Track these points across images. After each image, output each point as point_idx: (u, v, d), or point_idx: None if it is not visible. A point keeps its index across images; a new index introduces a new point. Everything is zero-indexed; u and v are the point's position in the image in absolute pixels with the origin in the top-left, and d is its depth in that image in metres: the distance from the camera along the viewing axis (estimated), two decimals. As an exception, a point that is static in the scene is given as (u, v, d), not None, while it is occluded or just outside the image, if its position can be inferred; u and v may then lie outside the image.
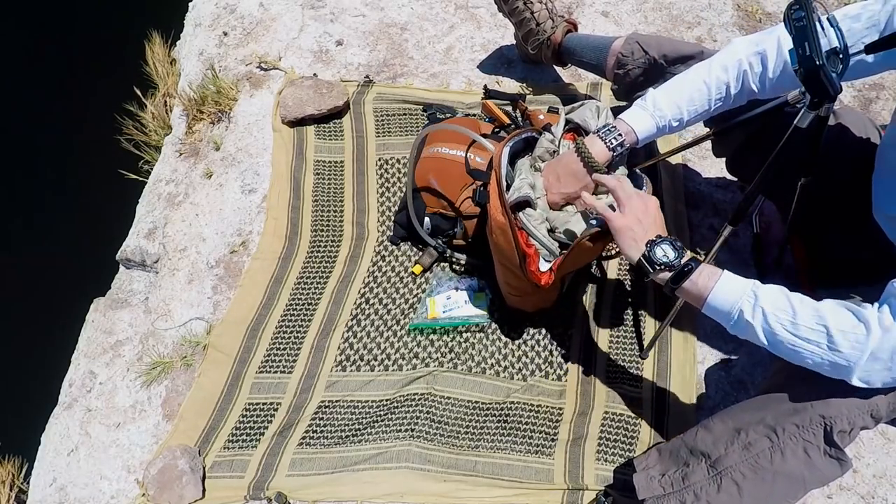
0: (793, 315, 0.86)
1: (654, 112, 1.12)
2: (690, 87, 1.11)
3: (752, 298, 0.89)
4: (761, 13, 1.91)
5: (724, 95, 1.10)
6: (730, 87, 1.09)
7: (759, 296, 0.89)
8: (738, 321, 0.90)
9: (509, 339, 1.38)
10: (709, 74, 1.10)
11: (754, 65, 1.06)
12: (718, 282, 0.92)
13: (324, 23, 1.92)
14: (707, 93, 1.10)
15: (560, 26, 1.60)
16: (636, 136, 1.12)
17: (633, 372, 1.33)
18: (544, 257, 1.15)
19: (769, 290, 0.89)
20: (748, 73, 1.07)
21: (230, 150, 1.69)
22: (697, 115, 1.13)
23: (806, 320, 0.86)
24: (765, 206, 1.49)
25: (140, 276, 1.62)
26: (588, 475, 1.20)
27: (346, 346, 1.37)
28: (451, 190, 1.38)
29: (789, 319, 0.86)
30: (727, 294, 0.91)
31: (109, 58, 2.96)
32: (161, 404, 1.36)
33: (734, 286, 0.91)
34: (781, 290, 0.90)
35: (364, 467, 1.22)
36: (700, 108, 1.11)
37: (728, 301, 0.91)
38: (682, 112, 1.11)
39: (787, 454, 0.91)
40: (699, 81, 1.11)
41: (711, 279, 0.92)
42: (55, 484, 1.30)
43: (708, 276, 0.93)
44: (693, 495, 0.96)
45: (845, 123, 1.18)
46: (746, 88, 1.09)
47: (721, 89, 1.09)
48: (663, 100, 1.11)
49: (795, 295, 0.89)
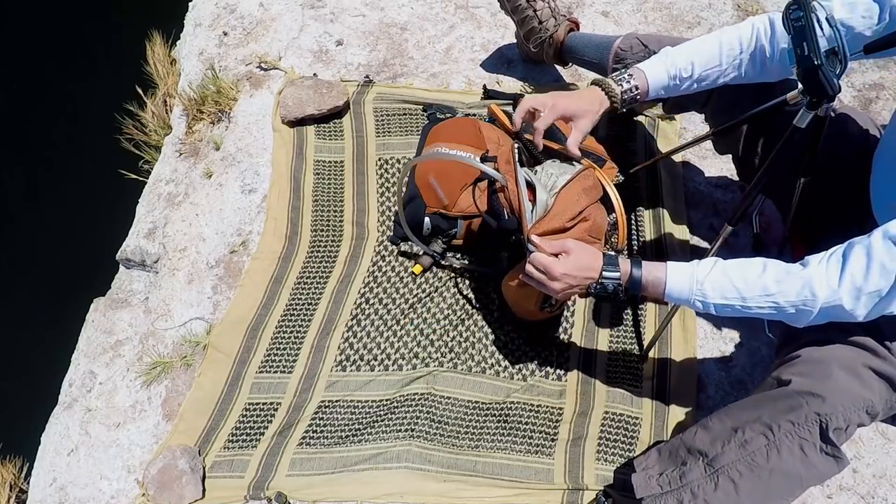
0: (742, 300, 0.94)
1: (666, 60, 1.15)
2: (702, 43, 1.15)
3: (700, 297, 0.97)
4: (761, 13, 1.91)
5: (736, 56, 1.12)
6: (742, 45, 1.11)
7: (706, 292, 0.96)
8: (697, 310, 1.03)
9: (509, 340, 1.38)
10: (721, 33, 1.14)
11: (767, 28, 1.08)
12: (667, 283, 0.99)
13: (324, 23, 1.92)
14: (719, 48, 1.12)
15: (562, 25, 1.60)
16: (647, 81, 1.15)
17: (633, 372, 1.33)
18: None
19: (713, 281, 0.96)
20: (760, 35, 1.09)
21: (230, 150, 1.69)
22: (709, 72, 1.14)
23: (755, 300, 0.94)
24: (765, 206, 1.49)
25: (140, 276, 1.62)
26: (588, 475, 1.20)
27: (346, 345, 1.38)
28: (451, 190, 1.38)
29: (739, 304, 0.95)
30: (679, 292, 0.99)
31: (109, 58, 2.97)
32: (161, 404, 1.36)
33: (681, 285, 0.99)
34: (724, 271, 0.96)
35: (364, 467, 1.22)
36: (711, 64, 1.13)
37: (682, 297, 0.99)
38: (693, 65, 1.13)
39: (783, 452, 0.91)
40: (711, 38, 1.14)
41: (659, 281, 1.00)
42: (55, 484, 1.30)
43: (655, 280, 1.00)
44: (690, 493, 0.97)
45: (845, 123, 1.18)
46: (759, 51, 1.10)
47: (733, 46, 1.11)
48: (676, 52, 1.15)
49: (737, 271, 0.96)
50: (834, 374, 0.92)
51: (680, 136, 1.64)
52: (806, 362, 0.97)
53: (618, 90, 1.15)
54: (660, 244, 1.46)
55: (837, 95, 0.90)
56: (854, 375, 0.92)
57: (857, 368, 0.93)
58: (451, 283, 1.44)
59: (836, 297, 0.88)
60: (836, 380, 0.91)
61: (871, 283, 0.86)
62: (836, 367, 0.93)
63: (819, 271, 0.89)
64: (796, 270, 0.92)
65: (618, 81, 1.16)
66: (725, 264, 0.97)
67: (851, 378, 0.92)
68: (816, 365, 0.95)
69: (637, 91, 1.16)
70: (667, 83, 1.15)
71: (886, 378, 0.93)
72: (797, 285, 0.90)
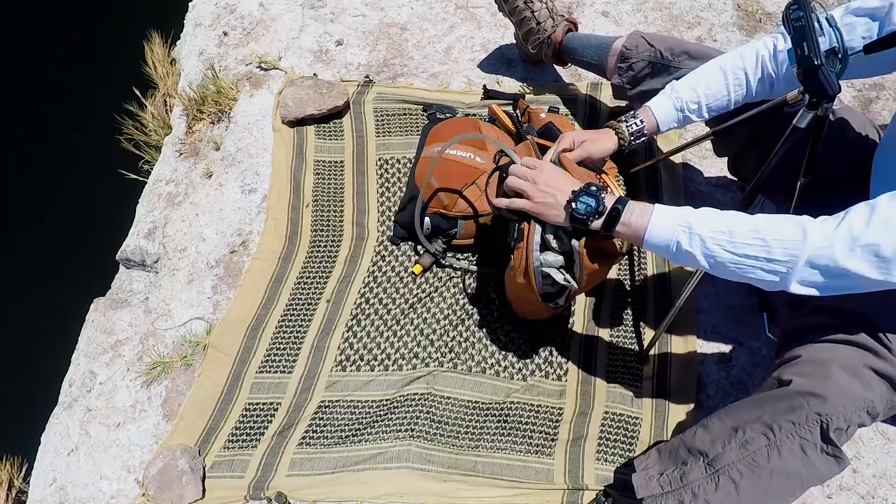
0: (729, 235, 0.88)
1: (672, 94, 1.16)
2: (708, 72, 1.15)
3: (686, 228, 0.90)
4: (761, 13, 1.91)
5: (743, 84, 1.12)
6: (748, 74, 1.11)
7: (693, 224, 0.90)
8: (677, 252, 0.92)
9: (509, 340, 1.38)
10: (724, 60, 1.14)
11: (770, 51, 1.09)
12: (651, 218, 0.93)
13: (324, 23, 1.92)
14: (724, 77, 1.13)
15: (560, 25, 1.60)
16: (655, 119, 1.16)
17: (633, 372, 1.33)
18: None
19: (703, 214, 0.91)
20: (766, 61, 1.10)
21: (230, 150, 1.69)
22: (717, 101, 1.15)
23: (743, 236, 0.87)
24: (765, 206, 1.49)
25: (140, 276, 1.62)
26: (588, 475, 1.20)
27: (346, 346, 1.38)
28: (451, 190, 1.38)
29: (727, 239, 0.88)
30: (662, 229, 0.93)
31: (109, 58, 2.96)
32: (161, 404, 1.36)
33: (667, 220, 0.93)
34: (715, 211, 0.92)
35: (364, 467, 1.22)
36: (718, 94, 1.14)
37: (664, 236, 0.92)
38: (699, 96, 1.14)
39: (784, 452, 0.91)
40: (715, 67, 1.14)
41: (644, 217, 0.94)
42: (55, 484, 1.30)
43: (640, 214, 0.95)
44: (691, 494, 0.97)
45: (845, 124, 1.18)
46: (766, 76, 1.11)
47: (738, 76, 1.12)
48: (681, 85, 1.15)
49: (730, 213, 0.91)
50: (834, 374, 0.92)
51: (680, 136, 1.64)
52: (806, 362, 0.97)
53: (626, 132, 1.19)
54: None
55: (837, 95, 0.89)
56: (855, 376, 0.92)
57: (858, 368, 0.93)
58: (451, 283, 1.44)
59: (829, 243, 0.81)
60: (837, 380, 0.91)
61: (870, 234, 0.79)
62: (837, 368, 0.93)
63: (815, 221, 0.85)
64: (791, 217, 0.87)
65: (627, 124, 1.20)
66: (716, 209, 0.93)
67: (852, 378, 0.92)
68: (817, 365, 0.95)
69: (643, 126, 1.19)
70: (675, 115, 1.17)
71: (887, 378, 0.93)
72: (789, 225, 0.85)
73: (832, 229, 0.82)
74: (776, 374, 1.00)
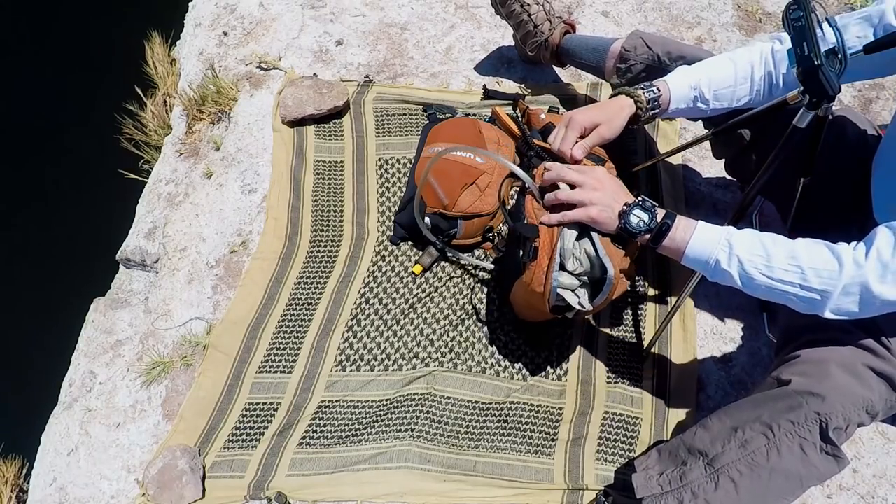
0: (767, 259, 0.90)
1: (685, 71, 1.15)
2: (716, 60, 1.15)
3: (726, 247, 0.93)
4: (761, 13, 1.91)
5: (748, 77, 1.12)
6: (753, 69, 1.11)
7: (734, 244, 0.92)
8: (715, 269, 0.94)
9: (509, 339, 1.38)
10: (733, 53, 1.14)
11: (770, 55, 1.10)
12: (694, 234, 0.95)
13: (324, 23, 1.92)
14: (733, 67, 1.13)
15: (558, 28, 1.60)
16: (669, 93, 1.15)
17: (633, 372, 1.33)
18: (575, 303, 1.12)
19: (743, 237, 0.93)
20: (768, 60, 1.10)
21: (230, 150, 1.69)
22: (724, 89, 1.14)
23: (780, 262, 0.89)
24: (765, 206, 1.49)
25: (140, 276, 1.62)
26: (588, 475, 1.20)
27: (346, 346, 1.38)
28: (451, 190, 1.38)
29: (764, 263, 0.90)
30: (703, 245, 0.95)
31: (109, 58, 2.97)
32: (161, 404, 1.36)
33: (709, 237, 0.95)
34: (755, 233, 0.93)
35: (364, 467, 1.22)
36: (726, 81, 1.14)
37: (704, 252, 0.94)
38: (709, 79, 1.14)
39: (783, 451, 0.91)
40: (723, 56, 1.15)
41: (687, 232, 0.96)
42: (55, 484, 1.30)
43: (684, 229, 0.96)
44: (691, 493, 0.97)
45: (844, 124, 1.18)
46: (767, 76, 1.11)
47: (745, 69, 1.12)
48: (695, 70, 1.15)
49: (768, 236, 0.92)
50: (833, 373, 0.92)
51: (680, 136, 1.64)
52: (805, 362, 0.97)
53: (644, 96, 1.15)
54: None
55: (837, 95, 0.90)
56: (854, 375, 0.92)
57: (857, 368, 0.93)
58: (451, 283, 1.44)
59: (862, 272, 0.84)
60: (836, 379, 0.92)
61: None
62: (836, 367, 0.93)
63: (847, 248, 0.88)
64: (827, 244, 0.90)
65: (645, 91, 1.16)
66: (756, 231, 0.95)
67: (851, 378, 0.92)
68: (816, 365, 0.95)
69: (659, 95, 1.15)
70: (687, 94, 1.16)
71: (886, 378, 0.93)
72: (826, 254, 0.88)
73: (863, 258, 0.84)
74: (775, 374, 1.01)
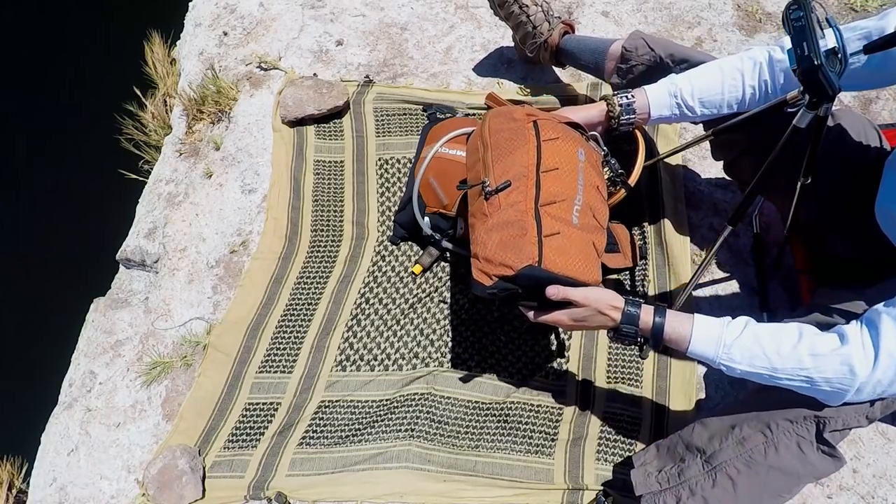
0: (772, 371, 0.88)
1: (668, 81, 1.16)
2: (705, 67, 1.16)
3: (726, 361, 0.91)
4: (761, 13, 1.91)
5: (738, 86, 1.13)
6: (744, 78, 1.12)
7: (733, 357, 0.90)
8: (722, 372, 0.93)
9: (509, 339, 1.38)
10: (724, 61, 1.15)
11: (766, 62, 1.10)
12: (691, 341, 0.93)
13: (324, 23, 1.92)
14: (720, 74, 1.13)
15: (556, 28, 1.60)
16: (647, 99, 1.16)
17: (633, 372, 1.33)
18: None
19: (742, 347, 0.90)
20: (763, 68, 1.10)
21: (230, 150, 1.69)
22: (711, 97, 1.15)
23: (787, 373, 0.87)
24: (765, 206, 1.49)
25: (140, 276, 1.62)
26: (588, 475, 1.20)
27: (346, 346, 1.38)
28: (451, 190, 1.38)
29: (769, 374, 0.88)
30: (704, 346, 0.93)
31: (109, 58, 2.96)
32: (161, 404, 1.36)
33: (706, 346, 0.92)
34: (755, 337, 0.90)
35: (364, 467, 1.22)
36: (713, 90, 1.14)
37: (707, 353, 0.93)
38: (693, 87, 1.14)
39: (780, 449, 0.92)
40: (713, 64, 1.15)
41: (684, 327, 0.94)
42: (55, 484, 1.30)
43: (678, 335, 0.94)
44: (688, 490, 0.97)
45: (844, 124, 1.18)
46: (761, 84, 1.11)
47: (735, 77, 1.12)
48: (678, 76, 1.16)
49: (770, 340, 0.89)
50: None
51: (680, 137, 1.64)
52: None
53: (615, 102, 1.18)
54: (660, 245, 1.46)
55: (837, 95, 0.89)
56: None
57: None
58: (451, 283, 1.44)
59: (875, 376, 0.82)
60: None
61: None
62: None
63: (857, 348, 0.83)
64: (835, 345, 0.85)
65: (618, 96, 1.19)
66: (757, 329, 0.91)
67: None
68: None
69: (633, 101, 1.17)
70: (668, 101, 1.17)
71: None
72: (835, 362, 0.84)
73: (873, 358, 0.82)
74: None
